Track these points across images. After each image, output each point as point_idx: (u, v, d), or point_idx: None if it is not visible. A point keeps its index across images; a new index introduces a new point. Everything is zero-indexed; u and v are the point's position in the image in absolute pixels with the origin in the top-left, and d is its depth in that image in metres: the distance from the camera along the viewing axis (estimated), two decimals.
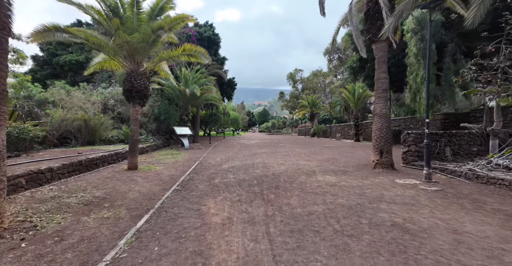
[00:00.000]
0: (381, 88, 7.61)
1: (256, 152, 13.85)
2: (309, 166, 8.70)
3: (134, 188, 5.70)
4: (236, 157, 11.65)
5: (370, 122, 22.04)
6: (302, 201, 4.59)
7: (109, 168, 8.08)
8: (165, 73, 10.56)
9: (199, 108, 23.37)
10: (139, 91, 7.99)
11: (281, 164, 9.15)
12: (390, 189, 5.23)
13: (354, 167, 8.25)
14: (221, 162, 10.05)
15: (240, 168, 8.44)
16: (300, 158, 10.94)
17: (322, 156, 11.59)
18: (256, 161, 10.15)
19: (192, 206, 4.49)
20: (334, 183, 5.95)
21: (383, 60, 7.63)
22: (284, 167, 8.44)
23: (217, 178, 6.91)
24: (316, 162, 9.73)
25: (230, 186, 5.88)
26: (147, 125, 15.53)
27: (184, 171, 8.02)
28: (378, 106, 7.63)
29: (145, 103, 8.42)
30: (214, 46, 25.48)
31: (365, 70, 14.80)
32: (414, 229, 3.25)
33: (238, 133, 66.34)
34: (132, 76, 7.96)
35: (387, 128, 7.47)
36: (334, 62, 34.28)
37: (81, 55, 18.33)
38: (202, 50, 8.74)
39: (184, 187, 5.88)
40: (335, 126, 30.84)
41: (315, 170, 7.72)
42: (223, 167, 8.75)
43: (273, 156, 11.86)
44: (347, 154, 12.56)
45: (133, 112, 8.08)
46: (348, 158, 10.90)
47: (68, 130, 10.98)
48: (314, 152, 13.74)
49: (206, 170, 8.17)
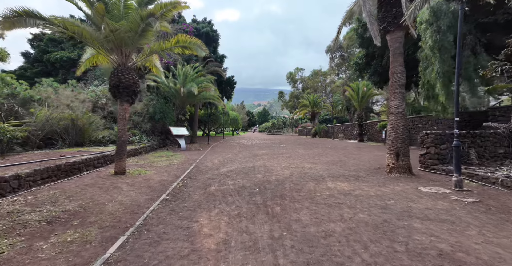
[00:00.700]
0: (397, 83, 6.82)
1: (257, 154, 13.05)
2: (315, 170, 7.90)
3: (116, 198, 4.89)
4: (236, 159, 10.85)
5: (375, 122, 21.26)
6: (315, 216, 3.79)
7: (94, 173, 7.26)
8: (157, 69, 9.75)
9: (197, 107, 22.56)
10: (127, 87, 7.18)
11: (284, 168, 8.35)
12: (417, 200, 4.43)
13: (366, 171, 7.45)
14: (219, 165, 9.25)
15: (239, 172, 7.64)
16: (305, 161, 10.14)
17: (327, 158, 10.80)
18: (257, 164, 9.36)
19: (182, 222, 3.69)
20: (348, 192, 5.15)
21: (399, 52, 6.84)
22: (289, 171, 7.64)
23: (214, 184, 6.11)
24: (322, 165, 8.93)
25: (228, 195, 5.08)
26: (141, 125, 14.71)
27: (177, 176, 7.22)
28: (393, 104, 6.84)
29: (134, 101, 7.61)
30: (212, 43, 24.65)
31: (372, 66, 14.02)
32: (472, 263, 2.45)
33: (237, 133, 65.55)
34: (119, 71, 7.14)
35: (404, 128, 6.68)
36: (336, 60, 33.46)
37: (73, 51, 17.50)
38: (198, 41, 7.94)
39: (175, 197, 5.08)
40: (337, 126, 30.06)
41: (323, 175, 6.92)
42: (221, 171, 7.95)
43: (275, 158, 11.07)
44: (354, 155, 11.76)
45: (120, 111, 7.26)
46: (356, 160, 10.11)
47: (53, 130, 10.16)
48: (318, 153, 12.94)
49: (202, 175, 7.37)
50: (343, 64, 33.44)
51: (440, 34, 8.11)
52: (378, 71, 13.78)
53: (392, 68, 6.94)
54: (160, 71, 9.83)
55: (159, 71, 9.78)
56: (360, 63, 14.76)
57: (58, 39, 19.20)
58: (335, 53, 32.63)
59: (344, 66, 33.40)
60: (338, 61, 33.32)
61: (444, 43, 8.11)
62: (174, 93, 15.50)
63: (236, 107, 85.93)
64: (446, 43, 8.04)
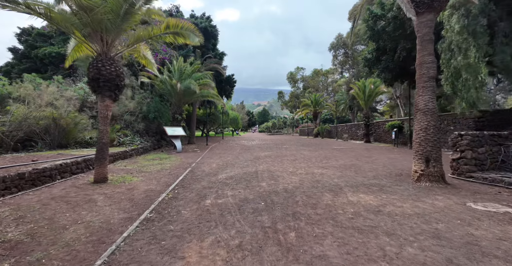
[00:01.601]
0: (426, 75, 5.78)
1: (259, 156, 12.01)
2: (328, 176, 6.85)
3: (84, 217, 3.84)
4: (236, 163, 9.81)
5: (382, 122, 20.23)
6: (345, 250, 2.75)
7: (69, 181, 6.21)
8: (148, 61, 8.69)
9: (195, 106, 21.52)
10: (109, 80, 6.12)
11: (292, 174, 7.30)
12: (475, 224, 3.39)
13: (388, 179, 6.41)
14: (217, 170, 8.21)
15: (240, 179, 6.60)
16: (313, 164, 9.10)
17: (338, 162, 9.75)
18: (260, 168, 8.31)
19: (162, 259, 2.65)
20: (378, 208, 4.11)
21: (428, 38, 5.79)
22: (297, 179, 6.59)
23: (210, 196, 5.07)
24: (334, 170, 7.88)
25: (227, 213, 4.03)
26: (134, 125, 13.66)
27: (167, 184, 6.17)
28: (422, 100, 5.79)
29: (118, 96, 6.55)
30: (211, 40, 23.59)
31: (382, 62, 12.98)
32: None
33: (237, 133, 64.54)
34: (99, 61, 6.09)
35: (435, 128, 5.63)
36: (340, 58, 32.36)
37: (63, 47, 16.41)
38: (191, 26, 6.93)
39: (160, 214, 4.04)
40: (341, 126, 29.02)
41: (339, 184, 5.87)
42: (219, 178, 6.91)
43: (279, 161, 10.02)
44: (365, 158, 10.71)
45: (101, 108, 6.21)
46: (370, 164, 9.06)
47: (32, 130, 9.11)
48: (326, 156, 11.89)
49: (197, 183, 6.33)
50: (347, 62, 32.37)
51: (469, 19, 7.07)
52: (390, 67, 12.73)
53: (420, 58, 5.90)
54: (152, 63, 8.76)
55: (151, 64, 8.71)
56: (369, 58, 13.72)
57: (48, 34, 18.13)
58: (339, 51, 31.55)
59: (347, 64, 32.34)
60: (341, 59, 32.25)
61: (476, 28, 7.07)
62: (170, 90, 14.44)
63: (236, 107, 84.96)
64: (478, 27, 7.00)
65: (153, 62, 9.19)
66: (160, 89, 14.95)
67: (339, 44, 30.20)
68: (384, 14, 11.33)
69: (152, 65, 9.08)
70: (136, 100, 14.01)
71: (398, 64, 12.47)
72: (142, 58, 8.31)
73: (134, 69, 15.25)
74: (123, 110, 13.19)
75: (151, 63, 8.82)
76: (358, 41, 26.87)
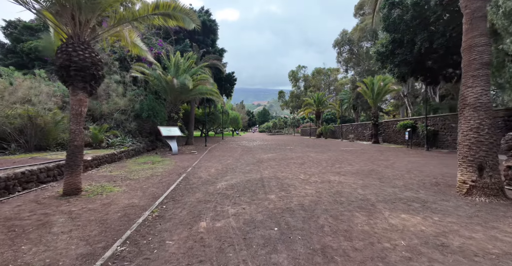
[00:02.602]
0: (478, 61, 4.61)
1: (262, 159, 10.85)
2: (349, 186, 5.69)
3: (21, 256, 2.67)
4: (237, 167, 8.66)
5: (392, 121, 19.08)
6: None
7: (33, 194, 5.05)
8: (137, 49, 7.51)
9: (193, 105, 20.36)
10: (83, 68, 4.96)
11: (304, 182, 6.14)
12: None
13: (425, 190, 5.24)
14: (216, 176, 7.06)
15: (244, 189, 5.44)
16: (325, 170, 7.94)
17: (352, 166, 8.59)
18: (266, 174, 7.16)
19: None
20: (438, 240, 2.94)
21: (480, 14, 4.63)
22: (312, 189, 5.43)
23: (206, 214, 3.92)
24: (353, 177, 6.72)
25: (228, 246, 2.87)
26: (125, 125, 12.48)
27: (155, 197, 5.02)
28: (472, 92, 4.63)
29: (95, 89, 5.38)
30: (210, 35, 22.42)
31: (398, 55, 11.79)
32: None
33: (237, 133, 63.42)
34: (69, 45, 4.92)
35: (490, 128, 4.48)
36: (344, 55, 31.09)
37: None
38: (186, 8, 5.75)
39: (136, 246, 2.89)
40: (346, 126, 27.84)
41: (367, 197, 4.71)
42: (218, 187, 5.75)
43: (286, 165, 8.87)
44: (382, 162, 9.55)
45: (72, 103, 5.05)
46: (391, 169, 7.90)
47: (3, 130, 7.94)
48: (337, 159, 10.73)
49: (191, 194, 5.17)
50: (351, 60, 31.17)
51: None
52: (407, 60, 11.56)
53: (468, 40, 4.74)
54: (144, 50, 7.59)
55: (143, 51, 7.53)
56: (382, 51, 12.55)
57: (36, 27, 16.94)
58: (343, 47, 30.33)
59: (351, 62, 31.15)
60: (346, 56, 31.06)
61: None
62: (165, 86, 13.27)
63: (236, 107, 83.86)
64: None
65: (146, 49, 8.03)
66: (155, 86, 13.78)
67: (343, 41, 28.93)
68: (401, 1, 10.19)
69: (146, 53, 7.92)
70: (128, 97, 12.84)
71: (416, 57, 11.32)
72: (131, 46, 7.12)
73: (126, 64, 14.08)
74: (113, 108, 12.02)
75: (142, 50, 7.64)
76: (364, 37, 25.66)
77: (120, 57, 14.03)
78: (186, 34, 20.03)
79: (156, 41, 16.46)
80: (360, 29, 25.21)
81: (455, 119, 12.49)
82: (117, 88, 12.42)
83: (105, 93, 12.22)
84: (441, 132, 13.44)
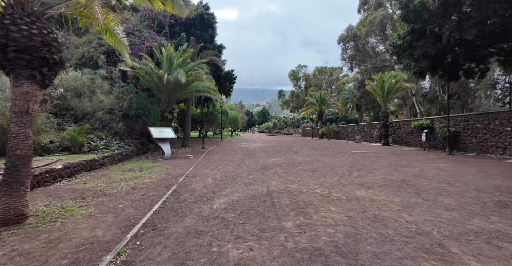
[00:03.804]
0: None
1: (266, 164, 9.52)
2: (386, 206, 4.36)
3: None
4: (238, 175, 7.33)
5: (404, 121, 17.78)
6: None
7: None
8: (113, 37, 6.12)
9: (190, 104, 18.99)
10: (27, 49, 3.61)
11: (325, 199, 4.80)
12: None
13: (500, 215, 3.90)
14: (213, 189, 5.73)
15: (248, 212, 4.11)
16: (344, 179, 6.61)
17: (375, 175, 7.27)
18: (274, 186, 5.83)
19: None
20: None
21: None
22: (340, 211, 4.09)
23: (197, 261, 2.58)
24: (384, 191, 5.39)
25: None
26: (112, 126, 11.10)
27: (129, 224, 3.69)
28: None
29: (50, 79, 4.02)
30: (208, 29, 21.05)
31: (418, 48, 10.46)
32: None
33: (237, 134, 62.11)
34: (6, 16, 3.56)
35: None
36: (349, 52, 29.69)
37: None
38: None
39: None
40: (351, 126, 26.53)
41: (423, 228, 3.38)
42: (214, 207, 4.42)
43: (296, 173, 7.56)
44: (407, 169, 8.24)
45: (15, 97, 3.69)
46: (426, 179, 6.57)
47: None
48: (352, 164, 9.41)
49: (179, 219, 3.84)
50: (356, 57, 29.82)
51: None
52: (428, 54, 10.26)
53: None
54: (121, 43, 6.21)
55: (121, 44, 6.16)
56: (399, 44, 11.23)
57: None
58: (349, 44, 28.96)
59: (356, 60, 29.81)
60: (351, 53, 29.73)
61: None
62: (158, 83, 11.90)
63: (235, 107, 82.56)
64: None
65: (126, 43, 6.64)
66: (146, 82, 12.42)
67: (349, 36, 27.54)
68: None
69: (124, 47, 6.51)
70: (115, 94, 11.46)
71: (439, 50, 10.01)
72: (104, 32, 5.73)
73: (114, 59, 12.71)
74: (98, 106, 10.64)
75: (121, 42, 6.26)
76: (372, 31, 24.32)
77: (108, 51, 12.66)
78: (182, 28, 18.68)
79: (148, 34, 15.10)
80: (369, 23, 23.82)
81: (481, 119, 11.20)
82: (102, 84, 11.05)
83: (89, 90, 10.86)
84: (463, 134, 12.14)
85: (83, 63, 12.38)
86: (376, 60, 25.93)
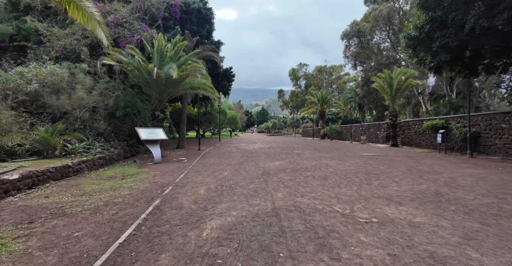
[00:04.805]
0: None
1: (268, 169, 8.37)
2: (435, 234, 3.21)
3: None
4: (237, 184, 6.18)
5: (414, 121, 16.66)
6: None
7: None
8: (88, 18, 4.95)
9: (185, 102, 17.81)
10: None
11: (349, 222, 3.64)
12: None
13: None
14: (205, 204, 4.57)
15: (249, 246, 2.95)
16: (364, 190, 5.46)
17: (399, 184, 6.11)
18: (280, 201, 4.68)
19: None
20: None
21: None
22: (378, 246, 2.93)
23: None
24: (421, 210, 4.23)
25: None
26: (94, 126, 9.88)
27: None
28: None
29: None
30: (205, 25, 19.85)
31: (438, 39, 9.32)
32: None
33: (235, 134, 60.90)
34: None
35: None
36: (352, 49, 28.46)
37: (10, 24, 12.62)
38: None
39: None
40: (356, 126, 25.38)
41: None
42: (203, 237, 3.27)
43: (304, 182, 6.41)
44: (433, 176, 7.09)
45: None
46: (465, 191, 5.42)
47: None
48: (366, 169, 8.26)
49: (152, 259, 2.64)
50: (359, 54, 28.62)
51: None
52: (450, 45, 9.13)
53: None
54: (93, 18, 5.02)
55: (91, 18, 4.97)
56: (415, 35, 10.09)
57: None
58: (352, 40, 27.75)
59: (360, 57, 28.60)
60: (354, 50, 28.55)
61: None
62: (148, 79, 10.70)
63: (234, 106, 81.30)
64: None
65: (101, 20, 5.47)
66: (135, 78, 11.20)
67: (353, 32, 26.31)
68: None
69: (98, 25, 5.34)
70: (98, 91, 10.23)
71: (463, 41, 8.88)
72: (68, 5, 4.54)
73: (100, 52, 11.50)
74: (77, 104, 9.42)
75: (92, 19, 5.06)
76: (378, 26, 23.17)
77: (93, 43, 11.46)
78: (177, 22, 17.47)
79: (139, 26, 13.90)
80: (373, 18, 22.64)
81: (507, 118, 10.08)
82: (84, 79, 9.83)
83: (68, 85, 9.64)
84: (484, 134, 11.01)
85: (65, 56, 11.17)
86: (382, 57, 24.77)
